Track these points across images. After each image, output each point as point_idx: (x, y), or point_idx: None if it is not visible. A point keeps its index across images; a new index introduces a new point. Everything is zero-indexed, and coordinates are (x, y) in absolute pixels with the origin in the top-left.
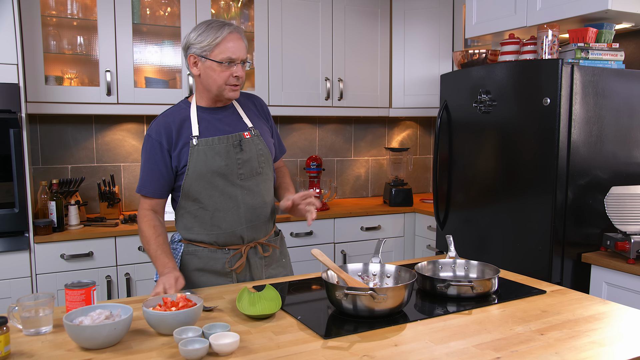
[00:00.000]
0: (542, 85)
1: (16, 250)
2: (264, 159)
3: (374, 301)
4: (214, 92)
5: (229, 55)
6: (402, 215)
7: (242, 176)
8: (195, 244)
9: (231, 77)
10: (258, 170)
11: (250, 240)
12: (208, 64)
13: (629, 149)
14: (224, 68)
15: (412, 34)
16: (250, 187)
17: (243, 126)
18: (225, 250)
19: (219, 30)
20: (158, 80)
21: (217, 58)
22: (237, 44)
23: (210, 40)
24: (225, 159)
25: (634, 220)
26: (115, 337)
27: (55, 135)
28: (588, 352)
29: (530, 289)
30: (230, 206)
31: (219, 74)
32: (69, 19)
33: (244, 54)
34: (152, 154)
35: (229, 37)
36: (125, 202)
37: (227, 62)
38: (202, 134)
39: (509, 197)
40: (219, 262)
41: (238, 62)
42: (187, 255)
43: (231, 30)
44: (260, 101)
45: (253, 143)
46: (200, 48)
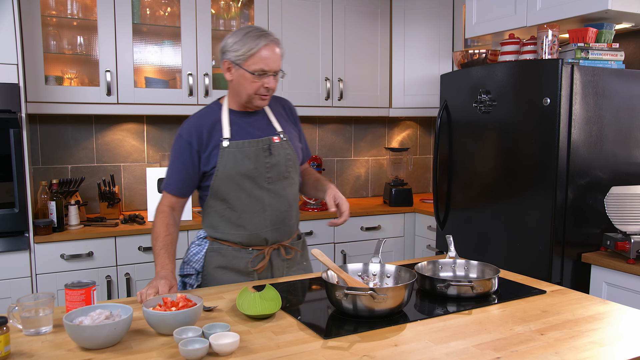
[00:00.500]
0: (542, 85)
1: (16, 250)
2: (291, 163)
3: (374, 301)
4: (244, 99)
5: (261, 67)
6: (402, 215)
7: (269, 180)
8: (220, 242)
9: (262, 88)
10: (285, 174)
11: (273, 242)
12: (241, 72)
13: (629, 149)
14: (256, 78)
15: (412, 34)
16: (277, 191)
17: (272, 130)
18: (249, 250)
19: (255, 41)
20: (158, 80)
21: (250, 68)
22: (271, 56)
23: (246, 50)
24: (254, 162)
25: (634, 220)
26: (115, 337)
27: (55, 135)
28: (588, 352)
29: (530, 289)
30: (257, 208)
31: (250, 83)
32: (69, 19)
33: (278, 66)
34: (181, 154)
35: (264, 49)
36: (125, 202)
37: (260, 73)
38: (233, 137)
39: (509, 197)
40: (242, 262)
41: (270, 73)
42: (211, 253)
43: (267, 42)
44: (290, 105)
45: (282, 147)
46: (235, 56)
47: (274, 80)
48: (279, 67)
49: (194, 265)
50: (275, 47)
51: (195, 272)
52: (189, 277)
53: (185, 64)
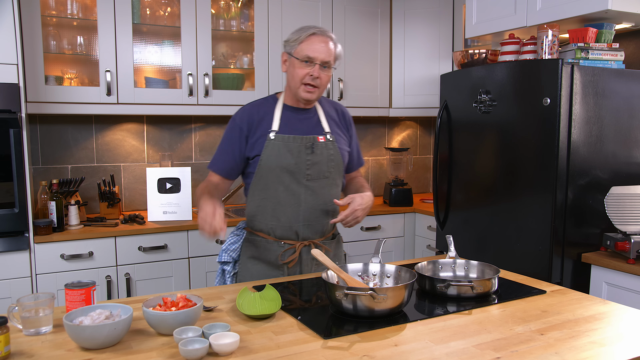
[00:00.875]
0: (542, 85)
1: (16, 250)
2: (333, 164)
3: (374, 301)
4: (293, 90)
5: (307, 53)
6: (402, 215)
7: (309, 177)
8: (255, 233)
9: (307, 76)
10: (326, 174)
11: (305, 238)
12: (292, 60)
13: (629, 149)
14: (302, 66)
15: (412, 34)
16: (315, 189)
17: (320, 130)
18: (281, 243)
19: (305, 31)
20: (158, 80)
21: (298, 55)
22: (318, 46)
23: (296, 38)
24: (295, 157)
25: (634, 220)
26: (115, 337)
27: (55, 135)
28: (588, 352)
29: (530, 289)
30: (292, 202)
31: (297, 70)
32: (69, 19)
33: (325, 57)
34: (230, 136)
35: (312, 38)
36: (125, 202)
37: (306, 60)
38: (281, 130)
39: (509, 197)
40: (273, 254)
41: (317, 62)
42: (246, 242)
43: (316, 32)
44: (345, 110)
45: (325, 147)
46: (289, 46)
47: (320, 71)
48: (327, 59)
49: (231, 254)
50: (326, 39)
51: (233, 261)
52: (227, 264)
53: (185, 64)
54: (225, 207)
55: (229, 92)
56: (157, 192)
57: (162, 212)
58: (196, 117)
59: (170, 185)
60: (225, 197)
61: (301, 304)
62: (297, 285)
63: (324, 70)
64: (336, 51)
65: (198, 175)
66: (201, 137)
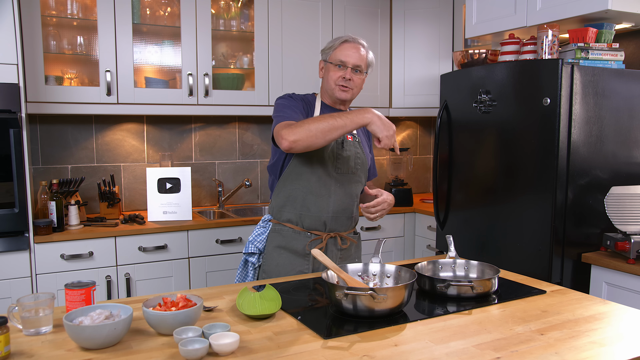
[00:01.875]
0: (542, 85)
1: (16, 250)
2: (359, 162)
3: (374, 301)
4: (329, 92)
5: (340, 58)
6: (402, 215)
7: (338, 170)
8: (283, 223)
9: (340, 78)
10: (353, 169)
11: (331, 230)
12: (327, 66)
13: (629, 149)
14: (336, 69)
15: (412, 34)
16: (343, 182)
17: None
18: (308, 233)
19: (338, 39)
20: (158, 80)
21: (332, 60)
22: (350, 51)
23: (331, 46)
24: (329, 150)
25: (634, 220)
26: (115, 337)
27: (55, 135)
28: (588, 352)
29: (530, 289)
30: (323, 192)
31: (332, 73)
32: (69, 19)
33: (356, 61)
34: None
35: (345, 45)
36: (125, 202)
37: (339, 64)
38: None
39: (509, 197)
40: (300, 243)
41: (349, 65)
42: (273, 233)
43: (348, 39)
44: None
45: (353, 145)
46: (324, 54)
47: (354, 74)
48: (359, 63)
49: (257, 245)
50: (358, 46)
51: (258, 252)
52: (253, 255)
53: (185, 64)
54: (225, 207)
55: (229, 92)
56: (157, 192)
57: (162, 212)
58: (196, 117)
59: (170, 185)
60: (225, 197)
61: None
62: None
63: (356, 74)
64: (368, 57)
65: (198, 175)
66: (201, 137)
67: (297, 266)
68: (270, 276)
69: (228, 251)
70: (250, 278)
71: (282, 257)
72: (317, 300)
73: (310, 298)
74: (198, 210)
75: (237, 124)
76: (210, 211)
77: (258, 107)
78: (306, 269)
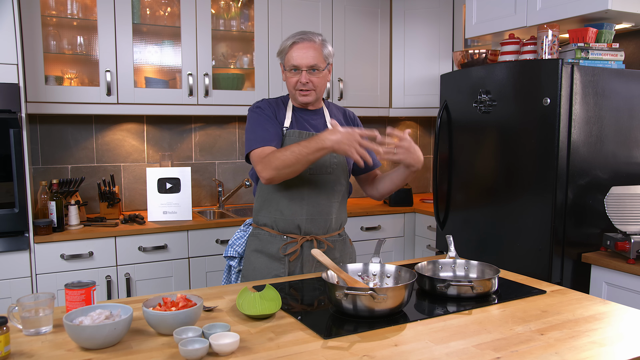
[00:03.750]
0: (542, 85)
1: (16, 250)
2: (336, 161)
3: (374, 301)
4: (292, 96)
5: (292, 63)
6: (402, 215)
7: (311, 170)
8: (260, 227)
9: (298, 83)
10: (328, 170)
11: (307, 233)
12: (284, 72)
13: (629, 149)
14: (292, 74)
15: (412, 34)
16: (318, 184)
17: (324, 128)
18: (284, 237)
19: (287, 41)
20: (158, 80)
21: (286, 66)
22: (300, 52)
23: (281, 51)
24: None
25: (634, 220)
26: (115, 337)
27: (55, 135)
28: (588, 352)
29: (530, 289)
30: (296, 195)
31: (289, 79)
32: (69, 19)
33: (310, 61)
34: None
35: (294, 47)
36: (125, 202)
37: (293, 69)
38: (291, 126)
39: (509, 197)
40: (275, 247)
41: (303, 69)
42: (251, 237)
43: (296, 39)
44: (354, 117)
45: None
46: (280, 58)
47: (311, 75)
48: (311, 62)
49: (236, 248)
50: (308, 44)
51: (239, 256)
52: (233, 259)
53: (185, 64)
54: (225, 207)
55: (229, 92)
56: (157, 192)
57: (162, 212)
58: (196, 117)
59: (170, 185)
60: (225, 197)
61: (301, 305)
62: (297, 285)
63: (313, 74)
64: (324, 52)
65: (198, 175)
66: (201, 137)
67: (273, 270)
68: (248, 280)
69: None
70: (233, 282)
71: (258, 260)
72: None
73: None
74: (198, 210)
75: (237, 124)
76: (210, 211)
77: None
78: (282, 273)
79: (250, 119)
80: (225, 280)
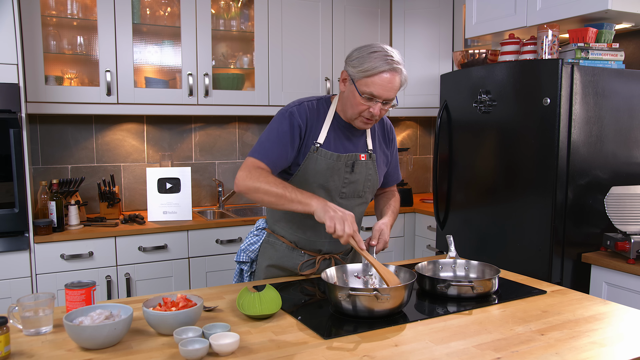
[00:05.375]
0: (542, 85)
1: (16, 250)
2: (370, 184)
3: (373, 302)
4: (348, 115)
5: (372, 91)
6: (402, 215)
7: (343, 195)
8: (277, 236)
9: (366, 112)
10: (360, 193)
11: (327, 253)
12: (352, 88)
13: (629, 149)
14: (363, 100)
15: (412, 34)
16: (347, 207)
17: (363, 147)
18: (302, 253)
19: (376, 63)
20: (158, 80)
21: (360, 88)
22: (386, 84)
23: (364, 69)
24: (334, 175)
25: (634, 220)
26: (115, 337)
27: (55, 135)
28: (588, 352)
29: (531, 289)
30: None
31: (357, 104)
32: (69, 19)
33: (391, 95)
34: (288, 130)
35: (381, 74)
36: (125, 202)
37: (368, 97)
38: (326, 144)
39: (508, 197)
40: (293, 262)
41: (380, 100)
42: (266, 245)
43: (388, 69)
44: (390, 126)
45: (366, 167)
46: (354, 70)
47: (381, 107)
48: (392, 96)
49: (249, 254)
50: (396, 75)
51: (250, 261)
52: (245, 264)
53: (185, 64)
54: (225, 207)
55: (229, 92)
56: (157, 192)
57: (162, 212)
58: (196, 117)
59: (170, 185)
60: (225, 197)
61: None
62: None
63: (385, 106)
64: (402, 80)
65: (198, 175)
66: (201, 137)
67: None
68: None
69: (228, 251)
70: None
71: (270, 272)
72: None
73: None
74: (198, 210)
75: (237, 124)
76: (210, 211)
77: (258, 107)
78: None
79: (274, 123)
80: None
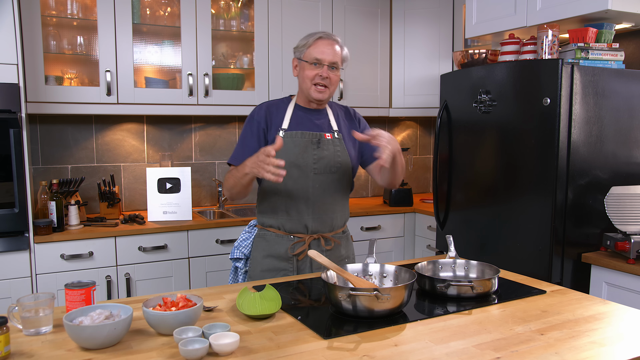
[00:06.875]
0: (542, 85)
1: (16, 250)
2: (340, 160)
3: (374, 302)
4: (305, 92)
5: (315, 56)
6: (402, 215)
7: (316, 170)
8: (266, 228)
9: (317, 77)
10: (332, 169)
11: (314, 232)
12: (302, 64)
13: (629, 149)
14: (312, 68)
15: (412, 34)
16: (323, 183)
17: (328, 128)
18: (291, 237)
19: (312, 36)
20: (158, 80)
21: (307, 59)
22: (325, 48)
23: (305, 44)
24: (302, 152)
25: (634, 220)
26: (115, 337)
27: (55, 135)
28: (588, 352)
29: (530, 289)
30: (301, 195)
31: (307, 72)
32: (69, 19)
33: (333, 58)
34: (251, 131)
35: (319, 42)
36: (125, 202)
37: (314, 62)
38: (291, 127)
39: (508, 197)
40: (283, 247)
41: (325, 63)
42: (258, 238)
43: (322, 36)
44: (359, 116)
45: (332, 144)
46: (298, 52)
47: (330, 72)
48: (335, 60)
49: (242, 250)
50: (333, 42)
51: (245, 257)
52: (239, 261)
53: (185, 64)
54: (225, 207)
55: (229, 92)
56: (157, 192)
57: (162, 212)
58: (196, 117)
59: (170, 185)
60: (225, 197)
61: (301, 305)
62: (297, 285)
63: (332, 71)
64: (343, 53)
65: (198, 175)
66: (201, 137)
67: (281, 270)
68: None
69: (228, 251)
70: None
71: (266, 261)
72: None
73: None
74: (198, 210)
75: (237, 124)
76: (210, 211)
77: None
78: (291, 272)
79: (242, 129)
80: (232, 281)
